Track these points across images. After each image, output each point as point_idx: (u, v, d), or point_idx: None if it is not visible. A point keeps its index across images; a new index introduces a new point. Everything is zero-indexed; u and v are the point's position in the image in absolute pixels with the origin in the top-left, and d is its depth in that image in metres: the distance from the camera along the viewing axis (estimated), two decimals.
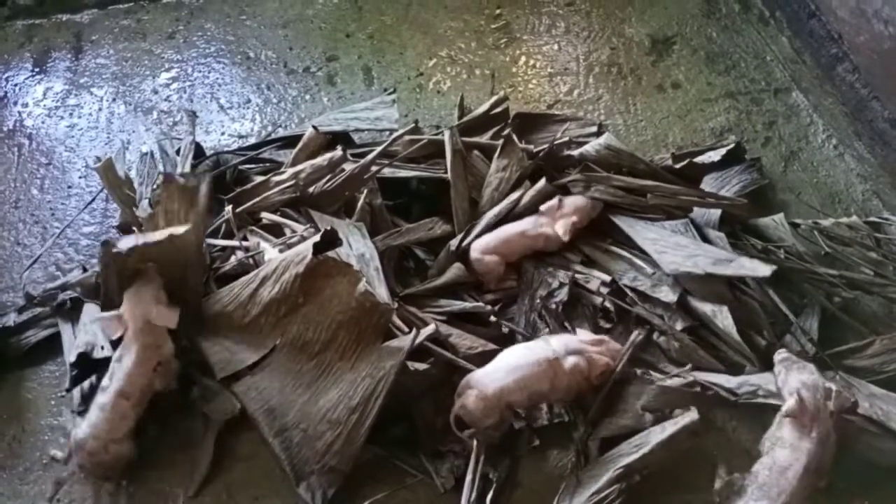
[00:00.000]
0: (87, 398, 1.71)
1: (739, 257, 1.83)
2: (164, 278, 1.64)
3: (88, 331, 1.76)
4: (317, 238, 1.61)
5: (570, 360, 1.63)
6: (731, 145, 2.16)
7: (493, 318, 1.87)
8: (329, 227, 1.66)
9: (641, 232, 1.93)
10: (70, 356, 1.75)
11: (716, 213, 2.01)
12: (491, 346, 1.78)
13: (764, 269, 1.76)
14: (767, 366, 1.73)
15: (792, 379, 1.58)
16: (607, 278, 1.91)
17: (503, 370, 1.62)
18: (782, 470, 1.51)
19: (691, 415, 1.61)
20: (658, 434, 1.60)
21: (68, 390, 1.77)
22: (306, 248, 1.60)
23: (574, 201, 1.95)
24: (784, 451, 1.53)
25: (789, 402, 1.53)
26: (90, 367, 1.73)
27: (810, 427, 1.52)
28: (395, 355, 1.59)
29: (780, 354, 1.67)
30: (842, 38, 2.22)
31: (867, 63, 2.14)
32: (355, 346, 1.63)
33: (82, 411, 1.68)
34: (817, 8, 2.29)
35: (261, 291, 1.62)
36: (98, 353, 1.72)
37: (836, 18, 2.22)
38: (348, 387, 1.59)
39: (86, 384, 1.75)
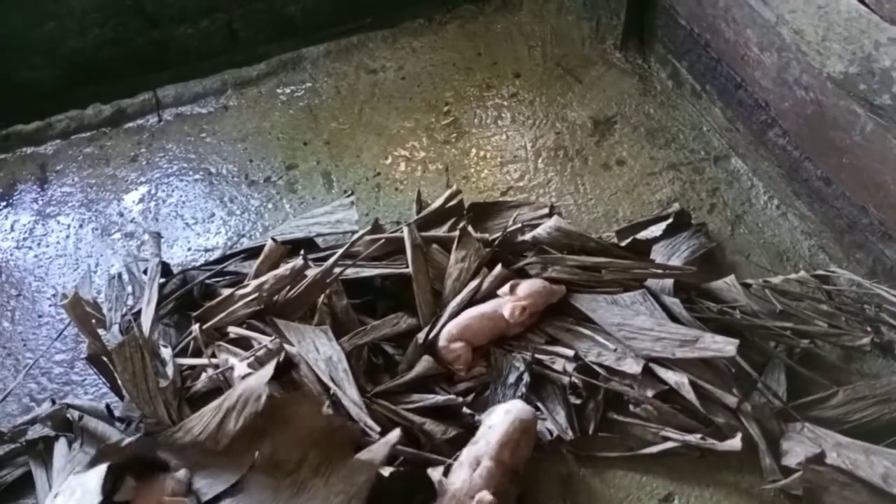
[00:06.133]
0: None
1: (703, 334, 1.90)
2: None
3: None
4: (270, 371, 1.65)
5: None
6: (672, 217, 2.25)
7: (465, 410, 1.89)
8: (282, 358, 1.68)
9: (605, 317, 1.99)
10: None
11: (669, 281, 2.09)
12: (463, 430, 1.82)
13: (728, 348, 1.84)
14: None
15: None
16: (570, 353, 1.96)
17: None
18: None
19: None
20: None
21: None
22: (260, 387, 1.63)
23: (529, 286, 2.01)
24: None
25: None
26: None
27: None
28: (366, 470, 1.62)
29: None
30: (769, 106, 2.36)
31: (794, 127, 2.27)
32: (327, 463, 1.64)
33: None
34: (742, 80, 2.43)
35: (227, 423, 1.64)
36: None
37: (760, 88, 2.36)
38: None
39: None
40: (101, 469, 1.58)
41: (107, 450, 1.64)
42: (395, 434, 1.71)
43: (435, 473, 1.67)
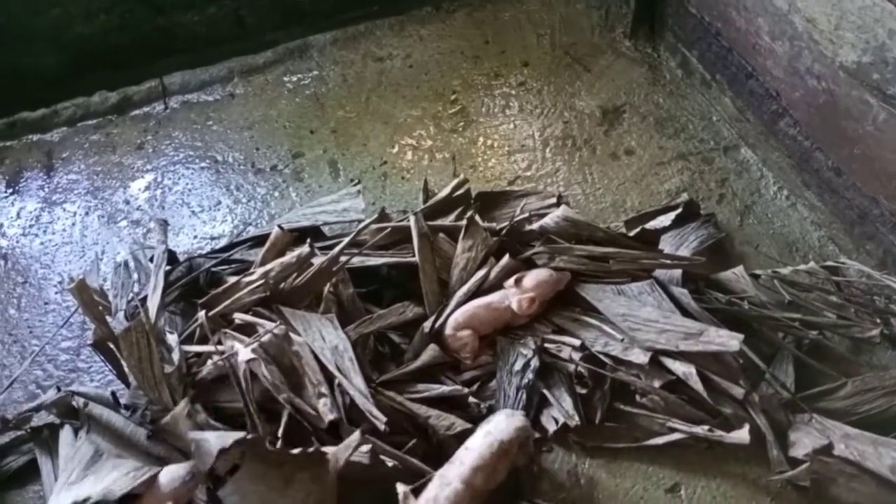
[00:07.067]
0: None
1: (708, 327, 1.89)
2: None
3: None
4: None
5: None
6: (681, 208, 2.24)
7: (471, 400, 1.89)
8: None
9: (611, 307, 1.98)
10: None
11: (678, 271, 2.08)
12: (469, 425, 1.81)
13: (732, 343, 1.82)
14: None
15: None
16: (577, 343, 1.95)
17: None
18: None
19: None
20: None
21: None
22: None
23: (536, 276, 2.00)
24: None
25: None
26: None
27: None
28: (332, 467, 1.62)
29: None
30: (780, 95, 2.33)
31: (805, 117, 2.25)
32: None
33: None
34: (753, 69, 2.41)
35: None
36: None
37: (771, 77, 2.34)
38: (305, 497, 1.60)
39: None
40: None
41: None
42: (354, 437, 1.67)
43: (401, 486, 1.63)
